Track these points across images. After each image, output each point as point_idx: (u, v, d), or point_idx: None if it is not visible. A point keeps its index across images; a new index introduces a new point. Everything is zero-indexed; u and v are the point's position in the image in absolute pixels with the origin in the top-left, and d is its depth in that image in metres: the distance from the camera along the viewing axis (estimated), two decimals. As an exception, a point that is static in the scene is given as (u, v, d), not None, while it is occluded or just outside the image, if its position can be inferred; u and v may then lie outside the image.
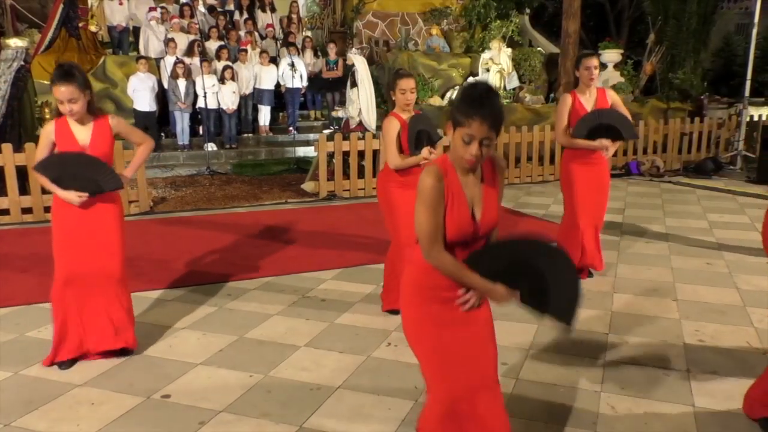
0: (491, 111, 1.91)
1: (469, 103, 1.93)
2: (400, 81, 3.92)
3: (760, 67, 13.63)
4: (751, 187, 8.82)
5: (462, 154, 1.97)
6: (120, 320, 3.51)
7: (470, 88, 1.98)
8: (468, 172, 2.06)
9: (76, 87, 3.18)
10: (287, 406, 3.08)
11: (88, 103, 3.27)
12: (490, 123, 1.91)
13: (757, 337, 3.85)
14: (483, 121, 1.91)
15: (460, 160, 2.00)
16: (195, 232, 6.49)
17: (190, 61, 10.56)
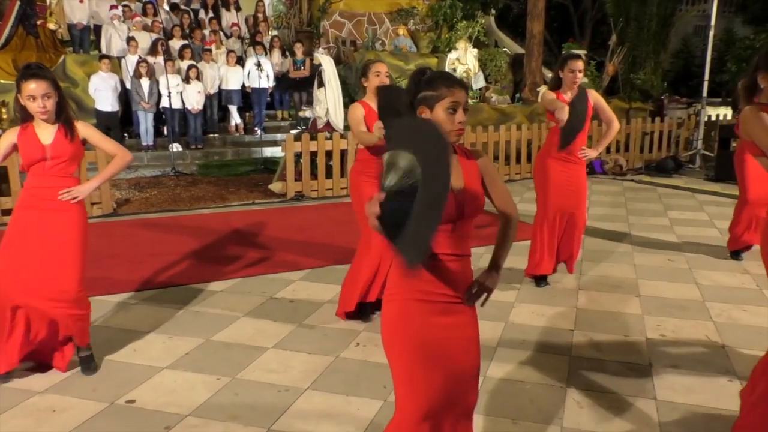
0: (462, 80, 2.07)
1: (442, 77, 2.02)
2: (373, 65, 3.91)
3: (717, 68, 13.99)
4: (709, 184, 9.07)
5: (450, 125, 1.98)
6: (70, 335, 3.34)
7: (425, 71, 2.05)
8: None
9: (50, 83, 3.07)
10: (255, 408, 3.05)
11: (57, 106, 3.15)
12: (465, 90, 2.03)
13: (716, 330, 3.96)
14: (461, 88, 2.00)
15: (447, 134, 1.98)
16: (160, 234, 6.39)
17: (153, 60, 10.39)
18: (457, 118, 1.98)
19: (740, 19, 21.74)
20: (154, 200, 8.02)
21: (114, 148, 3.43)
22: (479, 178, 2.09)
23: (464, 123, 2.01)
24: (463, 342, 2.06)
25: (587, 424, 2.91)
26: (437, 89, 1.98)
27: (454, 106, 1.97)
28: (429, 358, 2.00)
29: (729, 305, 4.35)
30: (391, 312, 2.05)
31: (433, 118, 1.98)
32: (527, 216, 7.10)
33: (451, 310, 2.04)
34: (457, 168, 2.03)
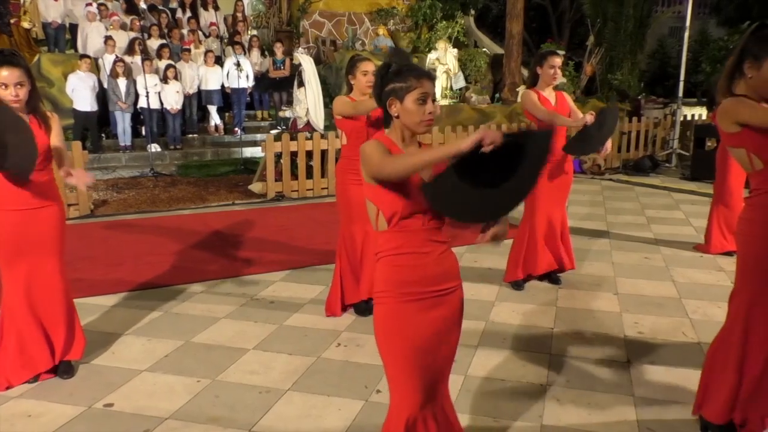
0: (429, 71, 2.10)
1: (410, 69, 2.03)
2: (361, 63, 3.90)
3: (692, 68, 14.22)
4: (685, 183, 9.21)
5: (419, 117, 1.99)
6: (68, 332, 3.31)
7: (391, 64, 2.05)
8: (411, 145, 2.07)
9: (23, 71, 2.97)
10: (236, 410, 3.03)
11: (29, 96, 3.04)
12: (433, 81, 2.05)
13: (692, 327, 4.02)
14: (429, 79, 2.02)
15: (418, 125, 2.01)
16: (138, 235, 6.33)
17: (130, 59, 10.28)
18: (427, 108, 2.00)
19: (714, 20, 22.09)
20: (132, 201, 7.94)
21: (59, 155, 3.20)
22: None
23: (434, 114, 2.02)
24: (450, 332, 2.15)
25: (567, 420, 2.93)
26: (406, 81, 1.99)
27: (424, 97, 1.99)
28: (423, 354, 2.07)
29: (704, 302, 4.43)
30: (384, 314, 2.08)
31: (402, 109, 2.00)
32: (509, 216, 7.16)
33: (440, 302, 2.09)
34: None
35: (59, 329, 3.27)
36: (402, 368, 2.08)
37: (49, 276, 3.21)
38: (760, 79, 2.41)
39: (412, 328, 2.05)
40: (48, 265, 3.20)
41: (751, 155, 2.48)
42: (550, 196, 4.58)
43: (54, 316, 3.25)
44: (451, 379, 3.24)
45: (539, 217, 4.61)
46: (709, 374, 2.74)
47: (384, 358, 2.12)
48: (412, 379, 2.07)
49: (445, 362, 2.19)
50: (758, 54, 2.39)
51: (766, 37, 2.39)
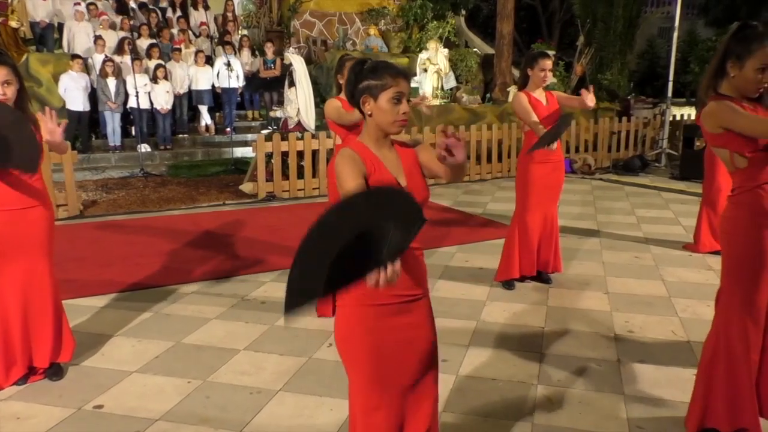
0: (405, 70, 2.03)
1: (386, 66, 1.98)
2: (349, 63, 3.89)
3: (681, 69, 14.31)
4: (674, 183, 9.27)
5: (393, 116, 1.94)
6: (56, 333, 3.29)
7: (366, 61, 2.00)
8: (384, 147, 2.01)
9: (10, 69, 2.93)
10: (227, 411, 3.02)
11: (18, 96, 2.99)
12: (409, 80, 2.00)
13: (681, 326, 4.05)
14: (405, 78, 1.96)
15: (391, 125, 1.96)
16: (128, 236, 6.29)
17: (120, 59, 10.23)
18: (401, 108, 1.95)
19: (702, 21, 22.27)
20: (122, 202, 7.90)
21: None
22: (418, 166, 2.06)
23: (408, 114, 1.97)
24: (419, 341, 2.03)
25: (558, 420, 2.95)
26: (381, 78, 1.93)
27: (399, 96, 1.94)
28: (386, 362, 1.97)
29: (694, 301, 4.46)
30: (343, 318, 2.00)
31: (376, 108, 1.95)
32: (499, 215, 7.20)
33: (405, 309, 1.98)
34: (398, 163, 2.02)
35: (47, 331, 3.24)
36: (359, 373, 1.99)
37: (37, 277, 3.18)
38: (742, 78, 2.46)
39: (373, 333, 1.95)
40: (37, 266, 3.17)
41: (733, 154, 2.51)
42: (543, 195, 4.61)
43: (42, 318, 3.23)
44: (442, 378, 3.25)
45: (531, 216, 4.62)
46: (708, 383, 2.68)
47: (343, 361, 2.03)
48: (374, 389, 1.97)
49: (418, 376, 2.05)
50: (740, 53, 2.43)
51: (748, 36, 2.43)
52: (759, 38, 2.40)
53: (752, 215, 2.51)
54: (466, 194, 8.67)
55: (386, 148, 2.03)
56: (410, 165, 2.05)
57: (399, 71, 1.97)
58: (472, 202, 8.07)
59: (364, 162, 1.95)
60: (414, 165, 2.06)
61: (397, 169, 2.01)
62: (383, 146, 2.02)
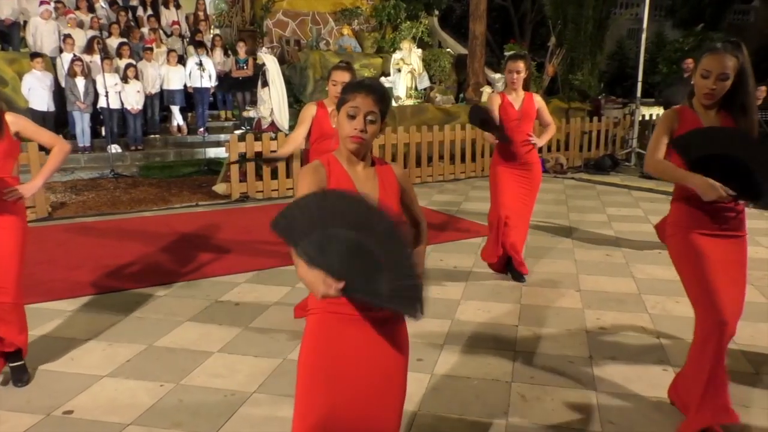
0: (376, 87, 1.96)
1: (356, 84, 1.99)
2: (334, 72, 3.88)
3: (649, 69, 14.56)
4: (643, 182, 9.43)
5: (347, 131, 1.92)
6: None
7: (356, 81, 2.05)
8: (356, 163, 1.97)
9: None
10: (200, 414, 2.99)
11: None
12: (375, 98, 1.92)
13: (651, 322, 4.12)
14: (368, 94, 1.92)
15: (345, 140, 1.93)
16: (99, 238, 6.19)
17: (89, 58, 10.05)
18: (354, 124, 1.91)
19: (670, 22, 22.69)
20: (92, 203, 7.76)
21: (51, 139, 3.20)
22: (396, 190, 2.03)
23: (367, 132, 1.92)
24: (378, 357, 1.93)
25: (532, 417, 2.98)
26: (345, 93, 1.96)
27: (354, 112, 1.91)
28: (334, 379, 1.89)
29: (663, 297, 4.54)
30: (310, 325, 1.95)
31: (338, 120, 1.96)
32: (474, 214, 7.24)
33: (372, 324, 1.91)
34: (373, 180, 1.99)
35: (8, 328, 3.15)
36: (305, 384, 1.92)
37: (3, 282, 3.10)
38: (696, 84, 2.70)
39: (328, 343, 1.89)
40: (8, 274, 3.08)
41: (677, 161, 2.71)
42: (512, 194, 4.69)
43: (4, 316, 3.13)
44: (418, 377, 3.28)
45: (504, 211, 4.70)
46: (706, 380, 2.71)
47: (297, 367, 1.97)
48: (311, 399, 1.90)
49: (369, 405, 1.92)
50: (696, 66, 2.68)
51: (704, 50, 2.68)
52: (708, 50, 2.64)
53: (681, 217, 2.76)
54: (440, 194, 8.71)
55: (360, 166, 1.98)
56: (387, 180, 2.01)
57: (363, 88, 1.93)
58: (447, 202, 8.11)
59: (328, 175, 1.92)
60: (391, 185, 2.01)
61: (368, 187, 1.95)
62: (355, 163, 1.98)
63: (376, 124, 1.94)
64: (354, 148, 1.94)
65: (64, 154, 3.24)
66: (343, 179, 1.93)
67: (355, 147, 1.93)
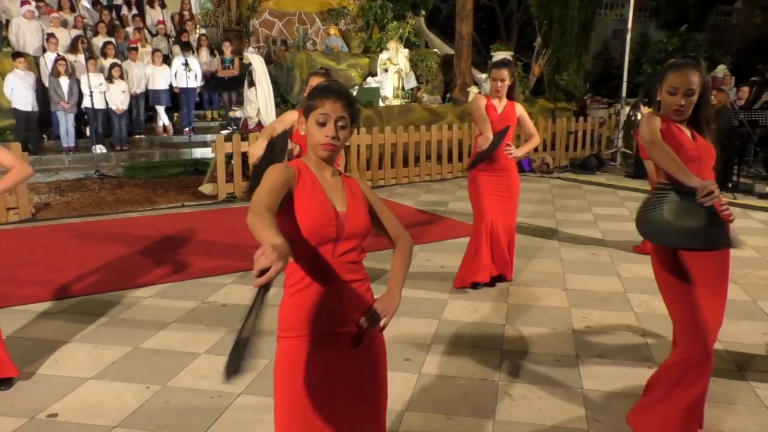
0: (344, 91, 1.91)
1: (324, 89, 1.92)
2: (312, 78, 3.87)
3: (634, 70, 14.66)
4: (629, 181, 9.51)
5: (318, 139, 1.87)
6: None
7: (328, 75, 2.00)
8: (325, 170, 1.93)
9: None
10: (187, 415, 2.97)
11: None
12: (343, 103, 1.88)
13: (637, 320, 4.16)
14: (337, 100, 1.87)
15: (316, 147, 1.89)
16: (83, 239, 6.13)
17: (73, 58, 9.95)
18: (325, 131, 1.86)
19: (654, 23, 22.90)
20: (76, 204, 7.69)
21: (12, 162, 3.06)
22: (364, 201, 1.98)
23: (339, 139, 1.87)
24: (358, 378, 1.91)
25: (519, 416, 2.99)
26: (313, 99, 1.89)
27: (324, 120, 1.86)
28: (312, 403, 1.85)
29: (648, 296, 4.58)
30: (280, 351, 1.90)
31: (307, 128, 1.91)
32: (461, 214, 7.26)
33: (345, 342, 1.88)
34: (341, 190, 1.93)
35: None
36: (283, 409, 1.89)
37: None
38: (663, 102, 2.67)
39: (302, 370, 1.83)
40: None
41: (658, 168, 2.65)
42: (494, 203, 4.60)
43: None
44: (406, 377, 3.29)
45: (486, 224, 4.60)
46: None
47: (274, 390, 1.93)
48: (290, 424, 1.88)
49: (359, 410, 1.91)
50: (661, 81, 2.69)
51: (667, 66, 2.69)
52: (672, 68, 2.64)
53: None
54: (427, 194, 8.72)
55: (328, 174, 1.93)
56: (355, 194, 1.96)
57: (331, 93, 1.88)
58: (434, 202, 8.12)
59: (297, 178, 1.86)
60: (358, 195, 1.97)
61: (336, 196, 1.90)
62: (324, 171, 1.92)
63: (346, 129, 1.89)
64: (326, 155, 1.90)
65: (22, 177, 3.11)
66: (312, 185, 1.88)
67: (327, 154, 1.90)
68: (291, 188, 1.82)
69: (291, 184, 1.83)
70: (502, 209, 4.65)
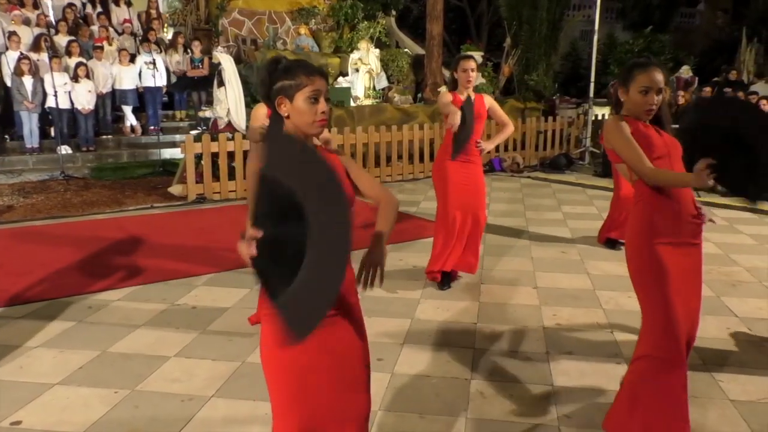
0: (321, 68, 1.96)
1: (301, 65, 1.91)
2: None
3: (601, 70, 14.91)
4: (597, 180, 9.65)
5: (311, 117, 1.88)
6: None
7: (281, 60, 1.95)
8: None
9: None
10: (157, 420, 2.93)
11: None
12: (325, 78, 1.92)
13: (605, 317, 4.22)
14: (321, 76, 1.90)
15: (310, 125, 1.90)
16: (49, 242, 5.99)
17: (36, 57, 9.73)
18: (319, 107, 1.88)
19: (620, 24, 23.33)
20: (41, 206, 7.51)
21: None
22: (344, 172, 2.01)
23: (327, 113, 1.91)
24: (346, 358, 1.96)
25: (490, 413, 3.02)
26: (296, 78, 1.87)
27: (316, 95, 1.87)
28: (307, 380, 1.89)
29: (616, 293, 4.66)
30: (269, 333, 1.89)
31: (293, 109, 1.89)
32: (432, 214, 7.27)
33: (334, 323, 1.91)
34: None
35: None
36: (280, 391, 1.91)
37: None
38: (631, 102, 2.65)
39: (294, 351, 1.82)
40: None
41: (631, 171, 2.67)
42: (461, 193, 4.60)
43: None
44: (379, 377, 3.28)
45: (451, 213, 4.61)
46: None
47: (265, 375, 1.96)
48: (290, 403, 1.91)
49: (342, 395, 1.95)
50: (626, 81, 2.66)
51: (631, 65, 2.69)
52: (639, 66, 2.64)
53: (643, 227, 2.63)
54: (399, 193, 8.74)
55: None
56: (335, 165, 1.98)
57: (314, 69, 1.90)
58: (406, 201, 8.14)
59: None
60: (340, 169, 1.99)
61: None
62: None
63: (329, 101, 1.94)
64: (320, 131, 1.94)
65: None
66: None
67: (320, 130, 1.93)
68: None
69: None
70: (469, 203, 4.64)
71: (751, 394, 3.18)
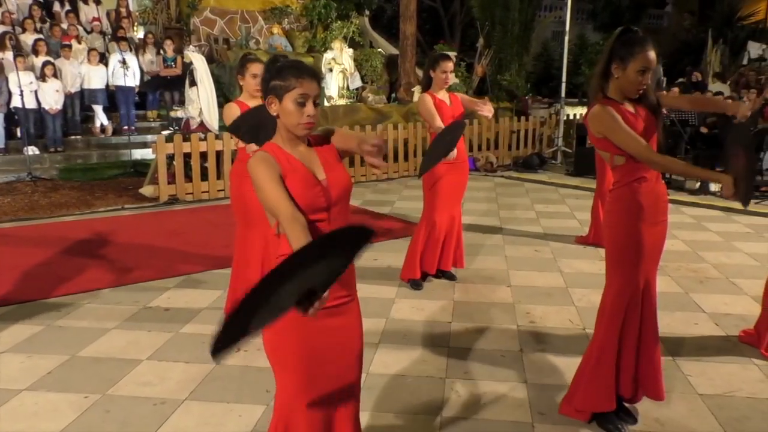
0: (315, 70, 2.00)
1: (292, 67, 1.94)
2: (250, 65, 3.76)
3: (573, 70, 15.11)
4: (569, 179, 9.78)
5: (298, 119, 1.91)
6: None
7: (279, 59, 1.98)
8: (299, 145, 1.99)
9: None
10: (128, 425, 2.89)
11: None
12: (317, 81, 1.95)
13: (578, 314, 4.28)
14: (312, 79, 1.93)
15: (296, 127, 1.93)
16: (15, 245, 5.86)
17: (1, 55, 9.50)
18: (306, 111, 1.91)
19: (591, 25, 23.68)
20: (7, 208, 7.35)
21: None
22: (337, 157, 2.06)
23: (314, 117, 1.93)
24: (349, 342, 2.07)
25: (465, 411, 3.03)
26: (286, 79, 1.90)
27: (304, 99, 1.90)
28: (314, 364, 1.98)
29: (589, 290, 4.72)
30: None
31: (281, 109, 1.93)
32: (406, 214, 7.31)
33: (336, 312, 1.99)
34: (316, 159, 2.00)
35: None
36: (292, 377, 1.98)
37: None
38: (625, 79, 2.60)
39: (305, 336, 1.94)
40: None
41: (613, 156, 2.69)
42: (450, 195, 4.66)
43: None
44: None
45: (440, 215, 4.65)
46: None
47: (272, 363, 2.03)
48: (303, 391, 1.98)
49: (347, 378, 2.07)
50: (624, 56, 2.57)
51: (631, 41, 2.58)
52: (640, 42, 2.55)
53: (629, 208, 2.68)
54: (374, 193, 8.74)
55: (302, 146, 2.00)
56: (329, 160, 2.03)
57: (305, 72, 1.92)
58: (380, 201, 8.14)
59: (278, 162, 1.92)
60: (334, 159, 2.05)
61: (314, 165, 1.99)
62: (297, 145, 1.99)
63: (318, 106, 1.97)
64: (306, 133, 1.97)
65: None
66: (292, 164, 1.94)
67: (307, 132, 1.97)
68: (281, 175, 1.89)
69: (278, 171, 1.89)
70: (454, 197, 4.71)
71: (719, 388, 3.25)
